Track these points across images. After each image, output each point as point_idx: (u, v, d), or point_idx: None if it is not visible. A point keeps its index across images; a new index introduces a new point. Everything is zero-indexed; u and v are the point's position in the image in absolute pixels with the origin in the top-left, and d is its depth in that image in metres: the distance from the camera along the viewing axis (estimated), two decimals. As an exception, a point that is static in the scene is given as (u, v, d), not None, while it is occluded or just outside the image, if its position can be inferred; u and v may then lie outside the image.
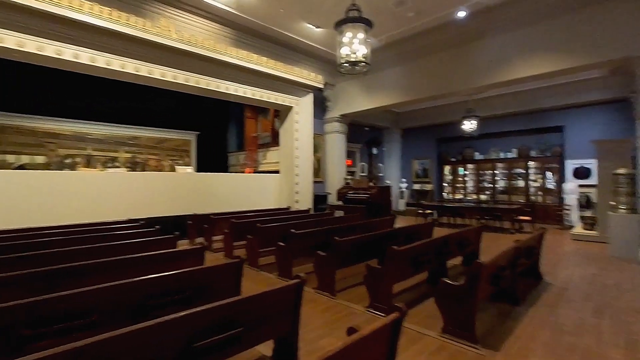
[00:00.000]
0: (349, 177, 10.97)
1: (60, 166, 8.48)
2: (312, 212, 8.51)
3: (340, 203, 9.60)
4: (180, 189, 7.47)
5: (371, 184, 10.18)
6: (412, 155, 14.12)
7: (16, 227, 4.79)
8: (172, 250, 3.45)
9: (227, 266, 2.71)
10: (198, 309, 1.73)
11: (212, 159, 11.19)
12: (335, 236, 3.92)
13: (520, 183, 11.41)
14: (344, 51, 5.43)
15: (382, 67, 9.07)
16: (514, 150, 11.53)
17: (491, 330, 2.91)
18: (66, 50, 5.45)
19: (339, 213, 8.55)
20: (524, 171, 11.28)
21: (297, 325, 2.25)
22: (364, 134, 13.24)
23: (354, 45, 5.36)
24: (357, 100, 9.96)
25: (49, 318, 1.91)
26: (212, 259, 5.25)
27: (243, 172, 10.62)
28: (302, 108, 9.27)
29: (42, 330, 1.86)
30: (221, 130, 12.30)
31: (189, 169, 8.22)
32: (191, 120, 10.92)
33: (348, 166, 11.67)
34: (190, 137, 11.23)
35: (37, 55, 5.26)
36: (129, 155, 9.80)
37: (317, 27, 7.94)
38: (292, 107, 9.06)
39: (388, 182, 13.31)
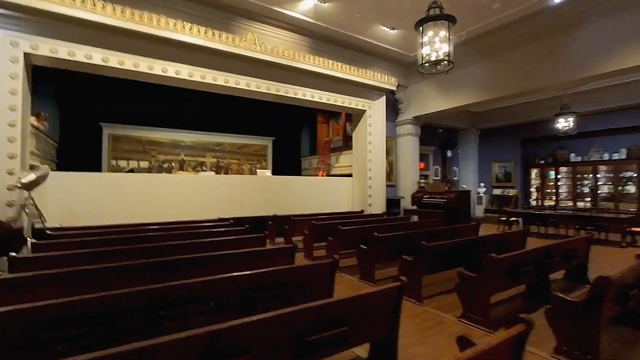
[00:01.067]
0: (422, 180, 10.56)
1: (159, 170, 9.68)
2: (385, 216, 8.36)
3: (414, 207, 9.28)
4: (260, 191, 7.95)
5: (446, 188, 9.65)
6: (491, 157, 13.07)
7: (126, 222, 5.55)
8: (265, 249, 3.66)
9: (322, 266, 2.78)
10: (308, 305, 1.81)
11: (286, 163, 11.71)
12: (419, 241, 3.79)
13: (631, 188, 9.78)
14: (425, 51, 5.26)
15: (461, 65, 8.53)
16: (623, 150, 9.94)
17: (615, 357, 2.52)
18: (170, 68, 6.20)
19: (413, 218, 8.27)
20: (636, 174, 9.65)
21: (397, 330, 2.22)
22: (437, 135, 12.64)
23: (436, 44, 5.16)
24: (432, 101, 9.57)
25: (175, 302, 2.16)
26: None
27: (316, 175, 10.91)
28: (375, 111, 9.20)
29: (173, 312, 2.12)
30: (295, 136, 12.82)
31: (268, 172, 8.72)
32: (268, 126, 11.59)
33: (421, 169, 11.24)
34: (267, 143, 11.92)
35: (147, 74, 6.08)
36: (214, 159, 10.77)
37: (392, 28, 7.84)
38: (365, 110, 9.05)
39: (464, 186, 12.48)
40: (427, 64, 5.25)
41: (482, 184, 12.77)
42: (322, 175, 10.76)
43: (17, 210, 4.82)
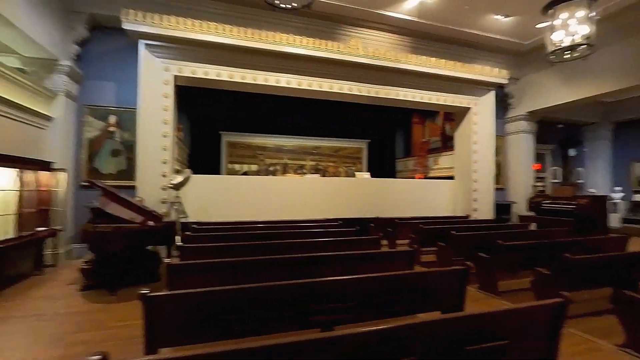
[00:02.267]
0: (539, 183, 9.34)
1: (266, 172, 10.63)
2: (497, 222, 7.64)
3: (531, 214, 8.27)
4: (359, 193, 8.06)
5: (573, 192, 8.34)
6: (630, 156, 10.85)
7: (245, 220, 6.19)
8: (388, 251, 3.71)
9: (452, 272, 2.69)
10: (466, 313, 1.76)
11: (381, 165, 11.64)
12: (553, 252, 3.36)
13: None
14: (557, 36, 4.67)
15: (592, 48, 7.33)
16: None
17: None
18: (282, 79, 6.74)
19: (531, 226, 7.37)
20: None
21: (556, 351, 2.01)
22: (556, 132, 11.05)
23: (571, 27, 4.54)
24: (553, 92, 8.41)
25: (322, 297, 2.34)
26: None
27: (412, 177, 10.58)
28: (482, 108, 8.49)
29: (321, 306, 2.30)
30: (389, 138, 12.66)
31: (366, 175, 8.81)
32: (363, 129, 11.70)
33: (536, 171, 9.96)
34: (362, 145, 12.05)
35: (263, 85, 6.71)
36: (313, 163, 11.35)
37: (506, 16, 7.15)
38: (469, 108, 8.43)
39: (592, 190, 10.61)
40: (559, 51, 4.65)
41: (617, 188, 10.69)
42: (419, 178, 10.38)
43: (168, 207, 5.83)
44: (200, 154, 9.72)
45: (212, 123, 10.06)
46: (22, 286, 4.22)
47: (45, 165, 4.97)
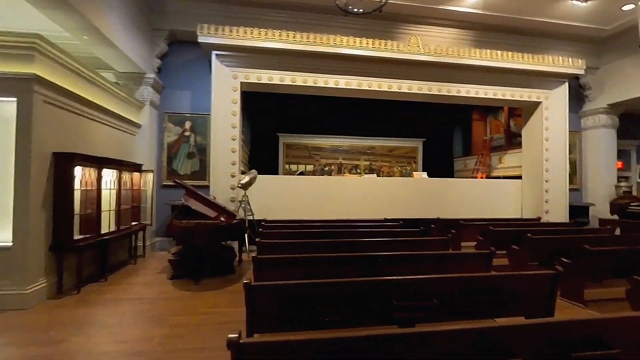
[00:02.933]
0: (623, 184, 8.40)
1: (322, 173, 10.87)
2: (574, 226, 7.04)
3: (614, 217, 7.49)
4: (416, 193, 7.90)
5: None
6: None
7: (305, 218, 6.39)
8: (463, 252, 3.64)
9: (541, 276, 2.58)
10: (572, 318, 1.71)
11: (437, 165, 11.28)
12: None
13: None
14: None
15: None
16: None
17: None
18: (341, 80, 6.86)
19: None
20: None
21: (672, 364, 1.85)
22: (643, 126, 9.85)
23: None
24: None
25: (403, 295, 2.39)
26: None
27: (474, 177, 10.12)
28: (554, 102, 7.86)
29: (403, 304, 2.36)
30: (446, 136, 12.23)
31: (424, 175, 8.62)
32: (418, 128, 11.44)
33: (618, 170, 8.98)
34: (417, 144, 11.79)
35: (324, 88, 6.89)
36: (367, 162, 11.36)
37: (585, 0, 6.55)
38: (540, 102, 7.86)
39: (691, 191, 9.29)
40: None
41: None
42: (481, 178, 9.89)
43: (237, 206, 6.24)
44: (259, 155, 10.22)
45: (271, 125, 10.53)
46: (122, 273, 4.82)
47: (136, 167, 5.61)
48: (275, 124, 10.63)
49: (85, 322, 3.13)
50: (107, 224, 4.65)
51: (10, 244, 3.46)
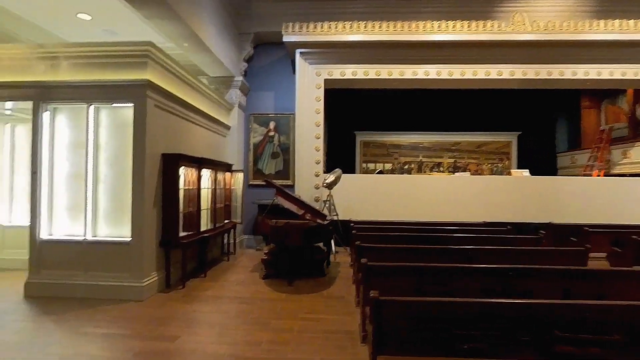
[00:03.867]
0: None
1: (400, 171, 10.32)
2: None
3: None
4: (516, 193, 6.92)
5: None
6: None
7: (393, 220, 5.96)
8: (614, 269, 2.92)
9: None
10: None
11: (536, 161, 9.85)
12: None
13: None
14: None
15: None
16: None
17: None
18: (431, 69, 6.29)
19: None
20: None
21: None
22: None
23: None
24: None
25: (568, 324, 1.88)
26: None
27: (587, 175, 8.60)
28: None
29: (568, 335, 1.85)
30: (548, 128, 10.68)
31: (525, 172, 7.54)
32: (512, 119, 10.16)
33: None
34: (510, 138, 10.50)
35: (410, 80, 6.40)
36: (451, 160, 10.47)
37: None
38: (687, 80, 6.29)
39: None
40: None
41: None
42: (598, 176, 8.35)
43: (321, 205, 6.10)
44: (336, 154, 10.04)
45: (347, 123, 10.29)
46: (218, 269, 4.99)
47: (228, 167, 5.80)
48: (351, 121, 10.37)
49: (194, 319, 3.19)
50: (205, 222, 4.83)
51: (129, 239, 3.72)
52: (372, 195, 6.85)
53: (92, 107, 3.84)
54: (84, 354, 2.52)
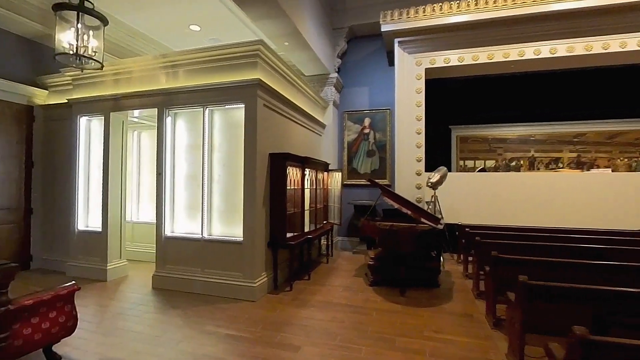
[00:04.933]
0: None
1: (506, 169, 9.06)
2: None
3: None
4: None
5: None
6: None
7: (513, 225, 5.08)
8: None
9: None
10: None
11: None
12: None
13: None
14: None
15: None
16: None
17: None
18: (559, 46, 5.25)
19: None
20: None
21: None
22: None
23: None
24: None
25: None
26: None
27: None
28: None
29: None
30: None
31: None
32: (661, 102, 8.08)
33: None
34: (657, 126, 8.40)
35: (526, 61, 5.43)
36: (573, 154, 8.82)
37: None
38: None
39: None
40: None
41: None
42: None
43: (424, 207, 5.54)
44: (430, 151, 9.24)
45: (442, 117, 9.42)
46: (320, 272, 4.83)
47: (325, 167, 5.65)
48: (446, 115, 9.45)
49: (310, 328, 3.00)
50: (308, 223, 4.71)
51: (241, 239, 3.74)
52: (481, 196, 6.03)
53: (207, 110, 3.98)
54: (213, 357, 2.49)
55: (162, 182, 4.12)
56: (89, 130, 4.76)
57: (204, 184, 3.98)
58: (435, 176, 5.38)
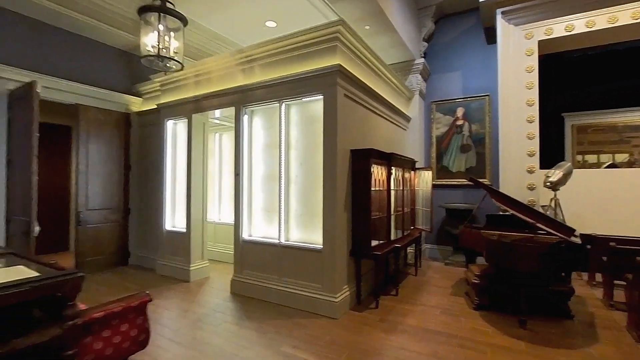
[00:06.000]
0: None
1: (646, 164, 7.10)
2: None
3: None
4: None
5: None
6: None
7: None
8: None
9: None
10: None
11: None
12: None
13: None
14: None
15: None
16: None
17: None
18: None
19: None
20: None
21: None
22: None
23: None
24: None
25: None
26: None
27: None
28: None
29: None
30: None
31: None
32: None
33: None
34: None
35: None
36: None
37: None
38: None
39: None
40: None
41: None
42: None
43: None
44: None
45: (551, 104, 7.85)
46: (408, 287, 4.18)
47: (413, 165, 4.96)
48: (557, 101, 7.85)
49: (405, 362, 2.42)
50: (393, 229, 4.11)
51: (321, 246, 3.33)
52: (612, 199, 4.68)
53: (283, 105, 3.68)
54: (291, 390, 2.09)
55: (239, 183, 3.95)
56: (175, 134, 4.89)
57: (281, 185, 3.69)
58: (556, 174, 4.28)
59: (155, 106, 4.95)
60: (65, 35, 4.55)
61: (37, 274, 1.65)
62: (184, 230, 4.53)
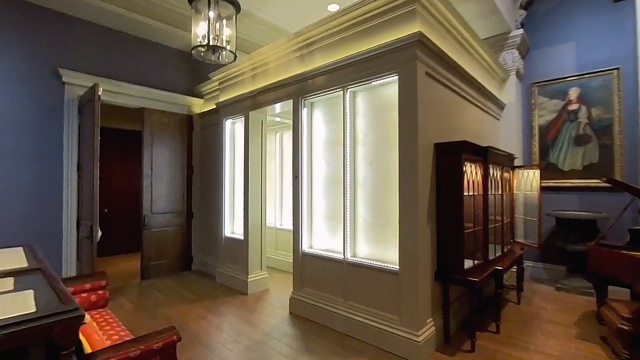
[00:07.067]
0: None
1: None
2: None
3: None
4: None
5: None
6: None
7: None
8: None
9: None
10: None
11: None
12: None
13: None
14: None
15: None
16: None
17: None
18: None
19: None
20: None
21: None
22: None
23: None
24: None
25: None
26: None
27: None
28: None
29: None
30: None
31: None
32: None
33: None
34: None
35: None
36: None
37: None
38: None
39: None
40: None
41: None
42: None
43: None
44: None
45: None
46: (510, 319, 3.22)
47: (511, 162, 3.94)
48: None
49: None
50: (493, 246, 3.19)
51: (397, 267, 2.62)
52: None
53: (348, 92, 3.05)
54: None
55: (298, 186, 3.44)
56: (234, 134, 4.61)
57: (346, 189, 3.06)
58: None
59: (215, 106, 4.73)
60: (129, 39, 4.56)
61: (31, 311, 1.26)
62: (242, 237, 4.18)
